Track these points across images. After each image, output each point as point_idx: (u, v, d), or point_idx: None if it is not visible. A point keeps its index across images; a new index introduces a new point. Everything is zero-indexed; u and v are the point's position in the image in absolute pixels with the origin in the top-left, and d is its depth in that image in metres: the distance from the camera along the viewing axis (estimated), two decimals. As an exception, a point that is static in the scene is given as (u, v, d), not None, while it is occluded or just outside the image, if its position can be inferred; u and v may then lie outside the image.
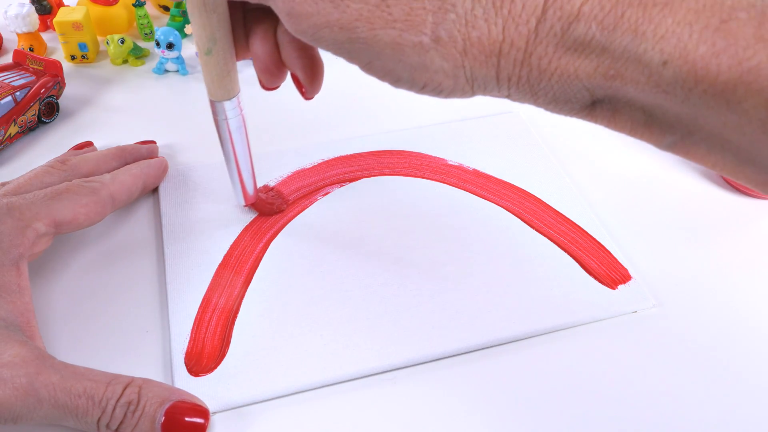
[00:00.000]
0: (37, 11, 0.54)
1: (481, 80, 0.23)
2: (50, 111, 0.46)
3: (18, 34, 0.52)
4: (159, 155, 0.42)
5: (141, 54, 0.52)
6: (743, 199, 0.41)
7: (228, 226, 0.38)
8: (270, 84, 0.30)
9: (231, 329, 0.33)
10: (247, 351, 0.32)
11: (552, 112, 0.23)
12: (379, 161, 0.43)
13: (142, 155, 0.41)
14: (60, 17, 0.50)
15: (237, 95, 0.32)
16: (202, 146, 0.44)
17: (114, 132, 0.46)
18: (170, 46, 0.49)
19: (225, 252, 0.37)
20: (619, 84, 0.21)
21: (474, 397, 0.31)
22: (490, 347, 0.33)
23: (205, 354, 0.32)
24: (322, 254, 0.37)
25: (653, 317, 0.34)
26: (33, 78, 0.45)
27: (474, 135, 0.45)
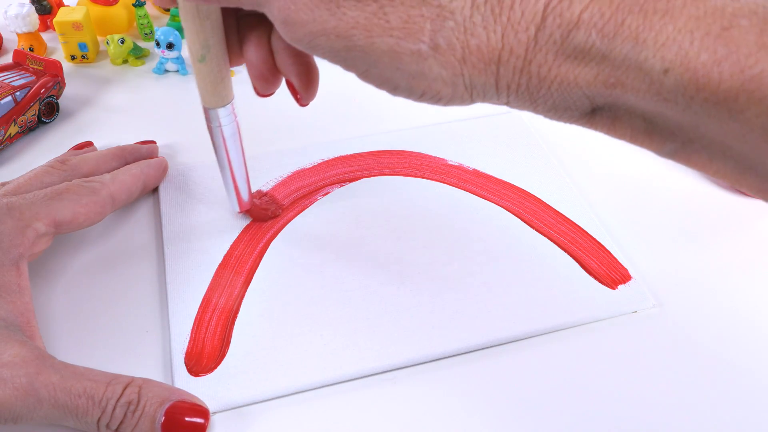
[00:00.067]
0: (37, 11, 0.54)
1: (480, 88, 0.22)
2: (50, 111, 0.46)
3: (18, 34, 0.52)
4: (159, 155, 0.42)
5: (141, 54, 0.52)
6: (743, 199, 0.41)
7: (228, 226, 0.38)
8: (264, 91, 0.30)
9: (231, 329, 0.33)
10: (247, 351, 0.32)
11: (551, 120, 0.23)
12: (379, 161, 0.43)
13: (142, 155, 0.41)
14: (60, 17, 0.50)
15: (231, 102, 0.31)
16: (202, 146, 0.43)
17: (114, 132, 0.46)
18: (170, 46, 0.49)
19: (225, 252, 0.37)
20: (620, 92, 0.21)
21: (474, 397, 0.31)
22: (490, 347, 0.33)
23: (205, 354, 0.32)
24: (322, 254, 0.37)
25: (653, 317, 0.34)
26: (33, 78, 0.45)
27: (474, 135, 0.45)
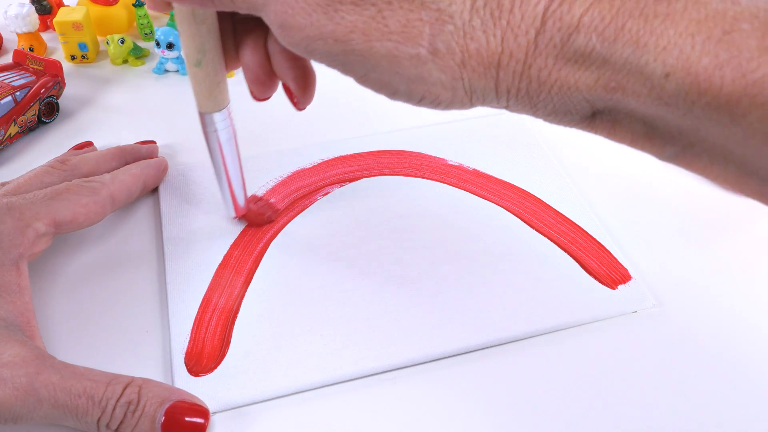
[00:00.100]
0: (37, 11, 0.54)
1: (480, 92, 0.22)
2: (50, 111, 0.46)
3: (18, 34, 0.52)
4: (159, 155, 0.42)
5: (141, 54, 0.52)
6: (743, 200, 0.41)
7: (228, 226, 0.38)
8: (261, 95, 0.29)
9: (231, 329, 0.33)
10: (247, 351, 0.32)
11: (551, 123, 0.23)
12: (379, 161, 0.43)
13: (142, 155, 0.41)
14: (60, 17, 0.50)
15: (227, 106, 0.31)
16: (202, 146, 0.43)
17: (114, 132, 0.46)
18: (170, 46, 0.49)
19: (225, 252, 0.37)
20: (621, 96, 0.20)
21: (474, 397, 0.31)
22: (490, 347, 0.33)
23: (205, 354, 0.32)
24: (322, 254, 0.37)
25: (653, 317, 0.34)
26: (33, 78, 0.45)
27: (474, 135, 0.45)
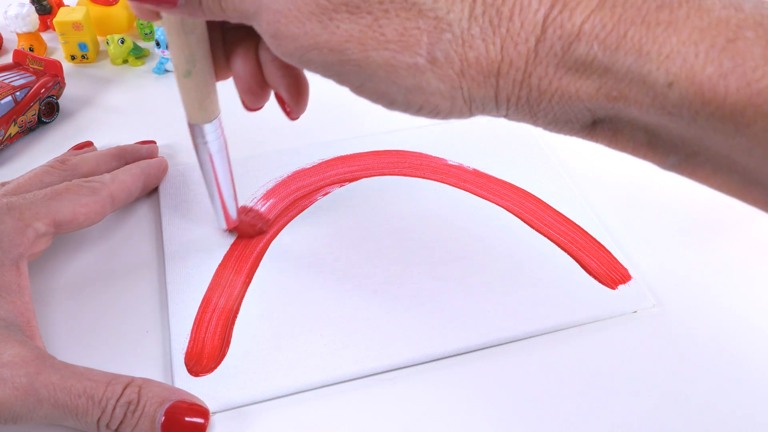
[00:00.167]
0: (37, 11, 0.54)
1: (479, 101, 0.22)
2: (50, 111, 0.46)
3: (18, 34, 0.52)
4: (159, 155, 0.42)
5: (141, 54, 0.52)
6: (743, 199, 0.41)
7: (228, 226, 0.38)
8: (253, 104, 0.29)
9: (231, 329, 0.33)
10: (247, 351, 0.32)
11: (551, 132, 0.23)
12: (379, 161, 0.43)
13: (142, 155, 0.41)
14: (60, 17, 0.50)
15: (218, 117, 0.31)
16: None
17: (114, 132, 0.46)
18: (170, 46, 0.49)
19: (225, 252, 0.37)
20: (623, 105, 0.20)
21: (474, 397, 0.31)
22: (490, 347, 0.33)
23: (205, 354, 0.32)
24: (322, 254, 0.37)
25: (653, 317, 0.34)
26: (33, 78, 0.45)
27: (474, 135, 0.45)
